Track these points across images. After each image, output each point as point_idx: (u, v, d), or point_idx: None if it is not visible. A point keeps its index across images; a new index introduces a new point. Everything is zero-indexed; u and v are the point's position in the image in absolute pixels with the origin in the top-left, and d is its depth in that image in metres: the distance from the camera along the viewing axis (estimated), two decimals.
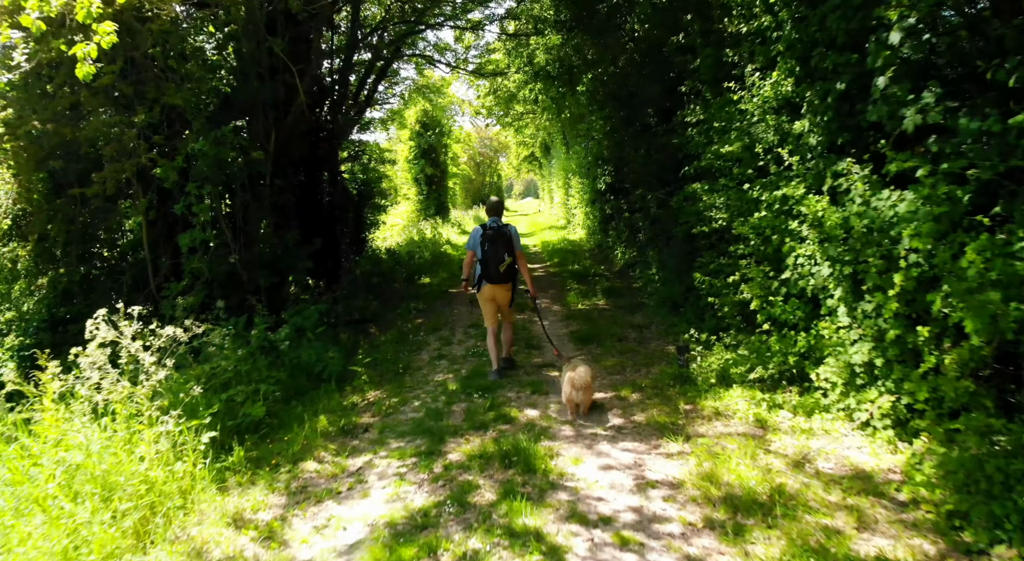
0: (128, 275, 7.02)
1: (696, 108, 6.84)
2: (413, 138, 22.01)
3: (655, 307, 7.86)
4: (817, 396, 4.37)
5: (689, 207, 6.79)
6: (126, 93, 6.31)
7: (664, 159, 8.09)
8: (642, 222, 10.44)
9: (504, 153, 39.99)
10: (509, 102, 21.37)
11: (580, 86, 14.51)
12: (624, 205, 11.95)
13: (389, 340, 7.32)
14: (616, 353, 6.26)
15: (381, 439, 4.44)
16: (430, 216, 21.85)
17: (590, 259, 12.98)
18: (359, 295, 9.21)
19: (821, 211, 4.31)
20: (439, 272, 12.58)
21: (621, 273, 10.81)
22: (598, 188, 14.28)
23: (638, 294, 9.05)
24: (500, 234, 5.43)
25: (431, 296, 10.00)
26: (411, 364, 6.36)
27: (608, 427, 4.36)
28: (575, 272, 11.31)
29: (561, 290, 9.95)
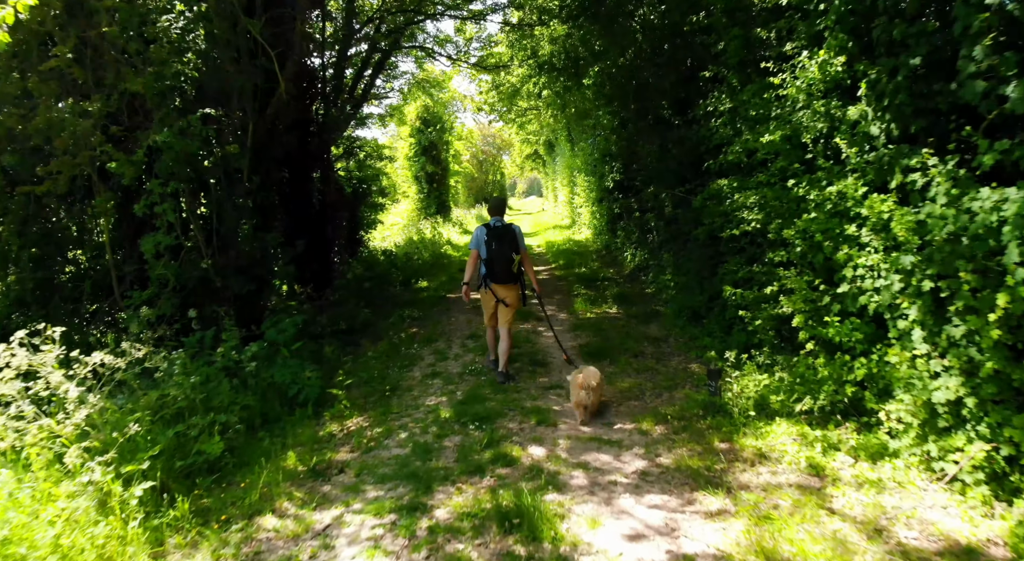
0: (89, 282, 6.29)
1: (721, 96, 6.07)
2: (413, 135, 21.25)
3: (672, 317, 7.09)
4: (882, 436, 3.60)
5: (713, 207, 6.02)
6: (80, 78, 5.58)
7: (682, 154, 7.32)
8: (655, 222, 9.67)
9: (507, 151, 39.21)
10: (512, 98, 20.62)
11: (586, 80, 13.79)
12: (635, 204, 11.18)
13: (379, 354, 6.58)
14: (632, 372, 5.50)
15: (357, 485, 3.69)
16: (431, 215, 21.11)
17: (597, 261, 12.21)
18: (350, 302, 8.47)
19: (888, 212, 3.54)
20: (438, 275, 11.82)
21: (632, 277, 10.04)
22: (606, 186, 13.52)
23: (652, 301, 8.29)
24: (505, 233, 5.27)
25: (428, 302, 9.25)
26: (400, 383, 5.61)
27: (631, 472, 3.60)
28: (582, 276, 10.54)
29: (568, 295, 9.19)
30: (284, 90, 7.06)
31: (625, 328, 7.01)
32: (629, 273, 10.31)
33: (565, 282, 10.31)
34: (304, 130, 9.50)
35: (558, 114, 19.97)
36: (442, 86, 19.50)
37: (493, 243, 5.26)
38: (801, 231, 4.16)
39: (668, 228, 8.41)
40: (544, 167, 35.68)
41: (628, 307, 8.03)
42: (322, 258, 9.66)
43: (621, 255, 11.78)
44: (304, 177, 9.60)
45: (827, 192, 3.89)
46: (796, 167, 4.35)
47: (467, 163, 32.85)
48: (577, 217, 19.52)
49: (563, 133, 22.17)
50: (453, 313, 8.53)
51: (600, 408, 4.64)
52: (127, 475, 3.41)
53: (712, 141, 6.16)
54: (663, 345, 6.32)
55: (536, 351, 6.36)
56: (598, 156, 14.72)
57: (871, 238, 3.70)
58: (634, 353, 6.00)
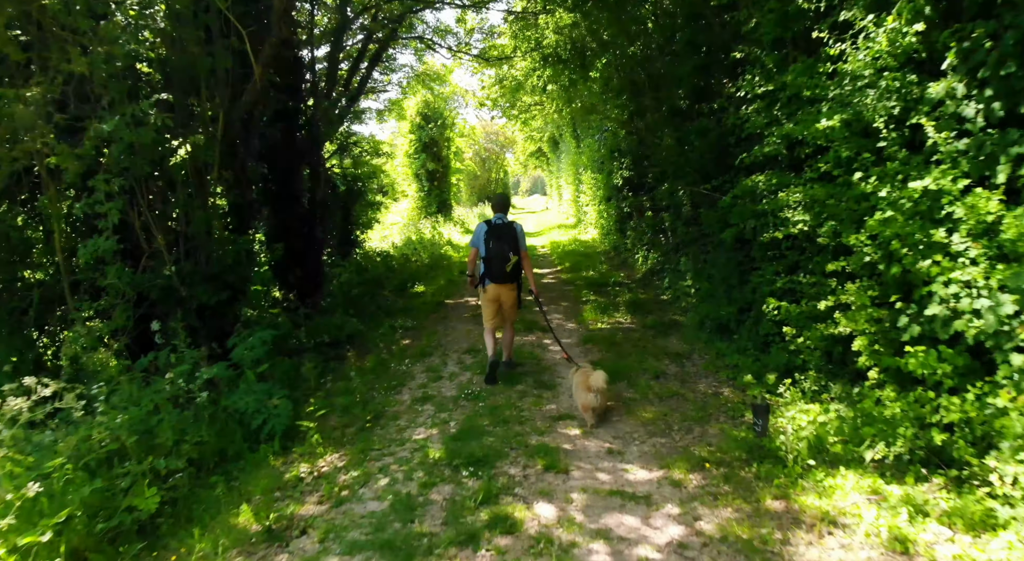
0: (36, 292, 5.55)
1: (754, 79, 5.27)
2: (413, 131, 20.49)
3: (694, 329, 6.31)
4: (986, 501, 2.82)
5: (744, 206, 5.24)
6: (19, 59, 4.83)
7: (705, 147, 6.52)
8: (670, 222, 8.88)
9: (511, 149, 38.42)
10: (515, 92, 19.84)
11: (593, 72, 13.02)
12: (647, 202, 10.40)
13: (364, 371, 5.81)
14: (655, 398, 4.72)
15: (319, 556, 2.93)
16: (432, 214, 20.36)
17: (606, 263, 11.43)
18: (338, 310, 7.72)
19: (995, 213, 2.76)
20: (436, 278, 11.06)
21: (645, 281, 9.26)
22: (614, 184, 12.74)
23: (669, 309, 7.51)
24: (505, 231, 5.10)
25: (424, 310, 8.49)
26: (385, 410, 4.85)
27: (666, 545, 2.83)
28: (590, 280, 9.76)
29: (576, 302, 8.41)
30: (260, 76, 6.29)
31: (642, 342, 6.23)
32: (641, 277, 9.53)
33: (573, 287, 9.53)
34: (290, 123, 8.75)
35: (563, 109, 19.16)
36: (443, 80, 18.73)
37: (491, 241, 5.08)
38: (871, 236, 3.38)
39: (687, 229, 7.63)
40: (548, 165, 34.89)
41: (643, 316, 7.25)
42: (311, 262, 8.90)
43: (632, 257, 10.99)
44: (291, 174, 8.84)
45: (911, 189, 3.10)
46: (865, 158, 3.55)
47: (470, 161, 32.09)
48: (583, 216, 18.74)
49: (568, 129, 21.40)
50: (450, 322, 7.77)
51: (606, 412, 4.44)
52: (26, 549, 2.67)
53: (744, 130, 5.38)
54: (687, 363, 5.55)
55: (542, 370, 5.58)
56: (605, 152, 13.97)
57: (967, 245, 2.92)
58: (655, 373, 5.22)
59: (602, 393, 4.17)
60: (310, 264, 9.04)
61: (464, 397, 4.96)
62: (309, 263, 9.01)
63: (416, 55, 16.33)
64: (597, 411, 4.23)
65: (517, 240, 5.11)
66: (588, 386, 4.16)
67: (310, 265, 9.03)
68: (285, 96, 8.47)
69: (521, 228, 5.24)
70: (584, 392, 4.20)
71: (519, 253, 5.11)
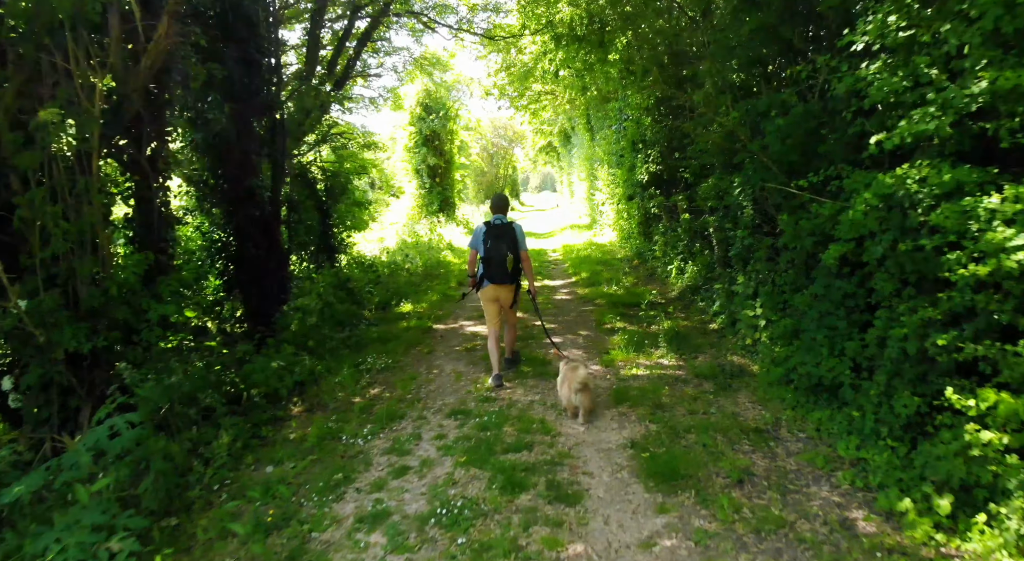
0: None
1: (885, 19, 3.37)
2: (413, 123, 18.64)
3: (770, 381, 4.43)
4: None
5: (862, 215, 3.34)
6: None
7: (788, 129, 4.58)
8: (717, 227, 6.98)
9: (519, 144, 36.48)
10: (524, 79, 17.93)
11: (612, 53, 11.13)
12: (682, 202, 8.48)
13: (302, 449, 4.00)
14: (749, 536, 2.83)
15: None
16: (433, 213, 18.53)
17: (631, 274, 9.51)
18: (294, 342, 5.90)
19: None
20: (428, 293, 9.21)
21: (683, 301, 7.35)
22: (637, 180, 10.84)
23: (722, 344, 5.63)
24: (504, 232, 4.97)
25: (406, 339, 6.63)
26: (307, 544, 3.00)
27: None
28: (614, 299, 7.86)
29: (597, 331, 6.54)
30: (167, 31, 4.48)
31: (699, 402, 4.35)
32: (678, 295, 7.62)
33: (593, 308, 7.63)
34: (245, 105, 6.93)
35: (576, 98, 17.27)
36: (445, 67, 16.84)
37: (489, 241, 4.95)
38: None
39: (750, 238, 5.70)
40: (559, 160, 32.94)
41: (690, 355, 5.38)
42: (271, 275, 7.10)
43: (662, 268, 9.08)
44: (245, 168, 7.03)
45: None
46: None
47: (477, 157, 30.20)
48: (599, 216, 16.82)
49: (582, 120, 19.50)
50: (437, 359, 5.91)
51: None
52: None
53: (869, 99, 3.47)
54: (776, 448, 3.66)
55: (557, 463, 3.72)
56: (626, 144, 12.09)
57: None
58: (734, 473, 3.32)
59: (583, 392, 4.01)
60: (271, 278, 7.25)
61: (438, 521, 3.08)
62: (269, 277, 7.22)
63: (413, 36, 14.50)
64: (582, 413, 4.07)
65: (516, 240, 4.98)
66: (569, 385, 4.04)
67: (271, 280, 7.24)
68: (238, 70, 6.67)
69: (520, 228, 5.11)
70: (568, 393, 4.06)
71: (518, 254, 4.98)
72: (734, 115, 4.91)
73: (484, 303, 5.14)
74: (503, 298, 5.06)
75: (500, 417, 4.23)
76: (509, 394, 4.75)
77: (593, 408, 4.15)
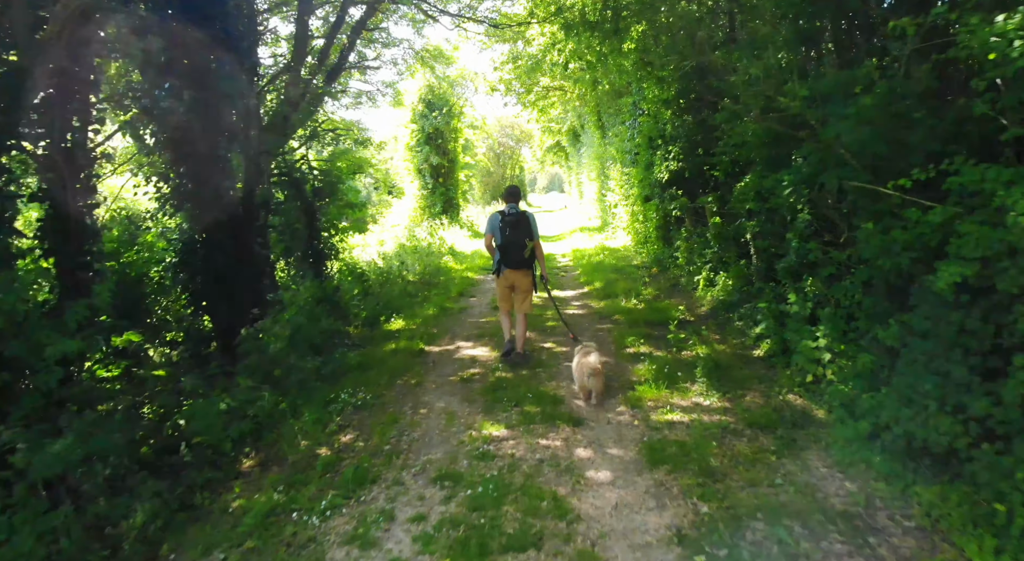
0: None
1: None
2: (415, 120, 17.67)
3: (849, 438, 3.38)
4: None
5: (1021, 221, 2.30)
6: None
7: (873, 112, 3.53)
8: (755, 232, 5.94)
9: (526, 144, 35.44)
10: (532, 73, 16.93)
11: (627, 42, 10.13)
12: (712, 203, 7.43)
13: (236, 534, 3.00)
14: None
15: None
16: (436, 215, 17.54)
17: (651, 284, 8.46)
18: (259, 372, 4.91)
19: None
20: (424, 305, 8.20)
21: (716, 319, 6.30)
22: (656, 179, 9.79)
23: (773, 378, 4.59)
24: (520, 221, 5.19)
25: (392, 365, 5.61)
26: None
27: None
28: (634, 313, 6.81)
29: (617, 355, 5.50)
30: None
31: (757, 466, 3.31)
32: (709, 312, 6.57)
33: (611, 326, 6.58)
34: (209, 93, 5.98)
35: (587, 93, 16.25)
36: (448, 61, 15.86)
37: (508, 230, 5.16)
38: None
39: (804, 248, 4.65)
40: (567, 160, 31.89)
41: (735, 392, 4.34)
42: (245, 289, 6.14)
43: (687, 278, 8.02)
44: (212, 164, 6.08)
45: None
46: None
47: (483, 156, 29.19)
48: (611, 218, 15.77)
49: (592, 117, 18.43)
50: (426, 395, 4.88)
51: None
52: None
53: (1009, 69, 2.43)
54: (879, 547, 2.61)
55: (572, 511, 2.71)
56: (641, 141, 11.06)
57: None
58: None
59: (596, 376, 4.25)
60: (244, 292, 6.30)
61: None
62: (242, 290, 6.27)
63: (414, 27, 13.50)
64: (595, 395, 4.32)
65: (532, 229, 5.22)
66: (583, 369, 4.30)
67: (244, 293, 6.29)
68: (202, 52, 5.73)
69: (534, 217, 5.33)
70: (582, 376, 4.32)
71: (534, 240, 5.21)
72: (803, 92, 3.84)
73: (499, 288, 5.42)
74: (519, 282, 5.28)
75: (499, 487, 3.22)
76: (511, 451, 3.73)
77: (604, 391, 4.41)
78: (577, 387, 4.52)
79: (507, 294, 5.39)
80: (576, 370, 4.49)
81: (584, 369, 4.31)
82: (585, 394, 4.42)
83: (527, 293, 5.33)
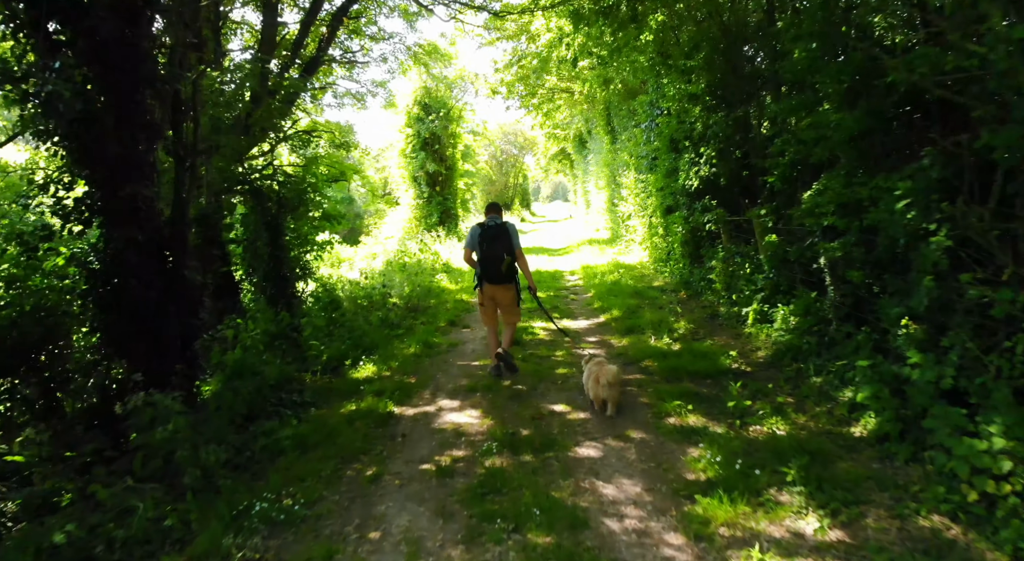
0: None
1: None
2: (411, 124, 16.25)
3: None
4: None
5: None
6: None
7: None
8: (833, 255, 4.40)
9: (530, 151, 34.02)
10: (538, 73, 15.51)
11: (646, 33, 8.78)
12: (767, 217, 5.90)
13: None
14: None
15: None
16: (432, 226, 16.07)
17: (683, 316, 6.90)
18: (146, 465, 3.38)
19: None
20: (407, 339, 6.66)
21: (780, 369, 4.74)
22: (682, 187, 8.31)
23: (882, 470, 3.04)
24: (499, 233, 4.99)
25: (345, 441, 4.01)
26: None
27: None
28: (669, 358, 5.22)
29: (656, 430, 3.93)
30: None
31: None
32: (770, 357, 5.00)
33: (641, 377, 5.00)
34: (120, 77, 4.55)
35: (597, 94, 14.79)
36: (446, 58, 14.46)
37: (485, 244, 4.98)
38: None
39: (941, 287, 3.12)
40: (572, 168, 30.44)
41: (850, 513, 2.78)
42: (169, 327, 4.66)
43: (726, 306, 6.47)
44: (127, 168, 4.64)
45: None
46: None
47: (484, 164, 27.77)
48: (623, 230, 14.25)
49: (600, 121, 17.00)
50: (386, 494, 3.31)
51: None
52: None
53: None
54: None
55: None
56: (660, 144, 9.60)
57: None
58: None
59: (612, 386, 4.07)
60: (171, 329, 4.84)
61: None
62: (168, 329, 4.82)
63: (406, 20, 12.10)
64: (609, 406, 4.13)
65: (511, 241, 4.99)
66: (598, 379, 4.08)
67: (171, 331, 4.84)
68: (110, 24, 4.33)
69: (514, 227, 5.10)
70: (595, 385, 4.11)
71: (514, 254, 4.97)
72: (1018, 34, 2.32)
73: (481, 304, 5.21)
74: (500, 298, 5.09)
75: None
76: None
77: (617, 402, 4.15)
78: (591, 396, 4.27)
79: (490, 310, 5.20)
80: (589, 380, 4.26)
81: (601, 378, 4.08)
82: (600, 405, 4.22)
83: (511, 307, 5.13)
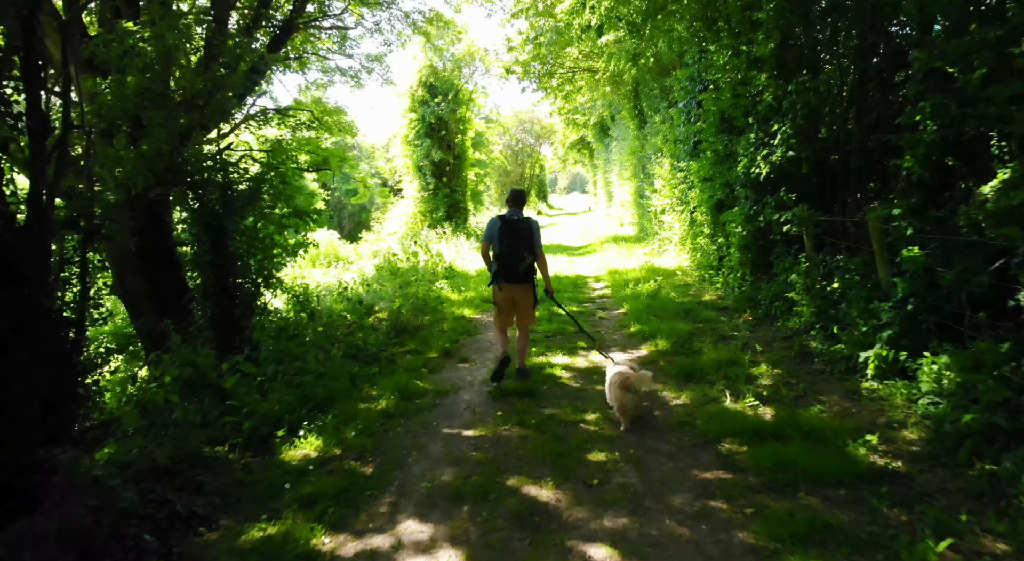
0: None
1: None
2: (414, 108, 14.45)
3: None
4: None
5: None
6: None
7: None
8: None
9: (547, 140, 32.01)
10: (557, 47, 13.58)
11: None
12: (907, 224, 3.96)
13: None
14: None
15: None
16: (438, 221, 14.30)
17: (763, 356, 5.01)
18: None
19: None
20: (380, 384, 4.90)
21: (951, 466, 2.90)
22: (741, 176, 6.44)
23: None
24: (521, 228, 4.57)
25: None
26: None
27: None
28: (762, 436, 3.39)
29: None
30: None
31: None
32: (932, 445, 3.14)
33: (725, 475, 3.19)
34: None
35: (625, 72, 12.81)
36: (452, 30, 12.61)
37: (505, 239, 4.56)
38: None
39: None
40: (591, 158, 28.42)
41: None
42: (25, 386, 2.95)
43: (825, 348, 4.60)
44: None
45: None
46: None
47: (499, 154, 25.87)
48: (655, 226, 12.32)
49: (626, 105, 15.02)
50: None
51: None
52: None
53: None
54: None
55: None
56: (707, 125, 7.69)
57: None
58: None
59: (639, 395, 3.77)
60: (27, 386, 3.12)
61: None
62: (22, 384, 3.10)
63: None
64: (631, 414, 3.80)
65: (533, 239, 4.62)
66: (624, 385, 3.73)
67: (28, 389, 3.11)
68: None
69: (537, 225, 4.74)
70: (622, 393, 3.74)
71: (535, 252, 4.63)
72: None
73: (497, 304, 4.80)
74: (519, 298, 4.71)
75: None
76: None
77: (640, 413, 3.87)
78: (616, 406, 3.80)
79: (505, 309, 4.78)
80: (615, 388, 3.78)
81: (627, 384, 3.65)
82: (624, 416, 3.76)
83: (528, 308, 4.75)
